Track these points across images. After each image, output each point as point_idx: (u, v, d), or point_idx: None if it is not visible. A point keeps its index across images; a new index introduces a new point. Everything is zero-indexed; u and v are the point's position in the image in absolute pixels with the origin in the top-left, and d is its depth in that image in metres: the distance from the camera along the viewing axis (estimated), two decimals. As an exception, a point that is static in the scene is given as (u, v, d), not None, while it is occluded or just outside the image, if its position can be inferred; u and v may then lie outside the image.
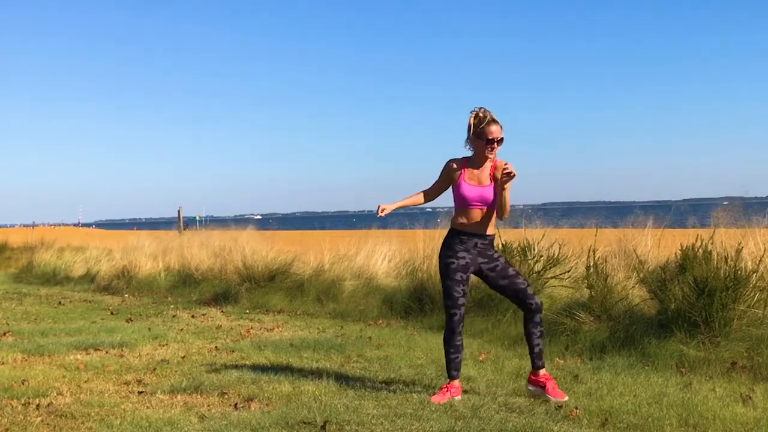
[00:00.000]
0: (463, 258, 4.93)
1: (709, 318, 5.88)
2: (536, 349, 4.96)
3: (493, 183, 4.93)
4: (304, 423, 4.30)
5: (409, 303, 8.78)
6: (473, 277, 5.18)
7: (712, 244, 6.47)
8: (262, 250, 11.52)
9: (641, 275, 7.00)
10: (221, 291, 11.48)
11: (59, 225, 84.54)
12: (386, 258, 10.42)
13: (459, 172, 4.98)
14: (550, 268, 7.84)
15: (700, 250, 6.41)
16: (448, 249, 4.98)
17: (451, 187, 5.05)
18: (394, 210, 5.16)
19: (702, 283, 5.99)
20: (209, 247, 13.46)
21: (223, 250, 12.77)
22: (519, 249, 8.02)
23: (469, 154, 5.02)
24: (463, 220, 4.97)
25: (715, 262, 6.17)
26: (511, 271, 4.99)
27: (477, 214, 4.93)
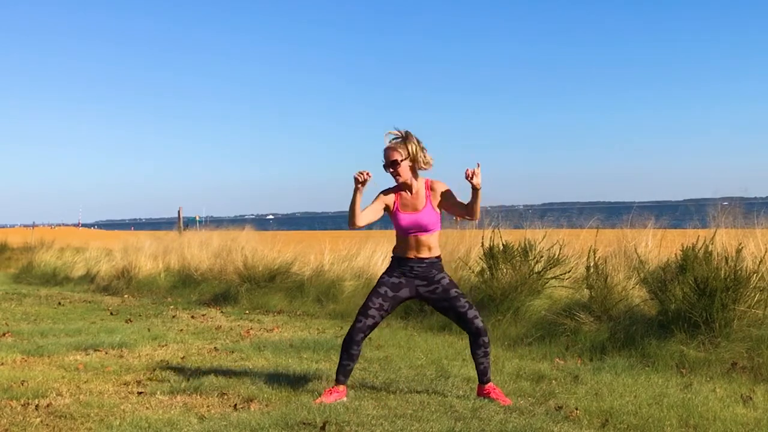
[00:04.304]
0: (397, 278, 4.86)
1: (710, 318, 5.87)
2: (480, 367, 4.89)
3: (429, 206, 4.81)
4: (304, 424, 4.28)
5: (410, 303, 8.75)
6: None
7: (712, 244, 6.46)
8: (262, 250, 11.52)
9: (641, 275, 6.99)
10: (221, 291, 11.47)
11: (59, 225, 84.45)
12: (387, 258, 10.40)
13: (392, 201, 4.85)
14: (551, 268, 7.83)
15: (701, 251, 6.41)
16: (387, 268, 4.96)
17: (388, 214, 4.92)
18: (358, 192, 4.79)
19: (702, 284, 5.98)
20: (209, 248, 13.46)
21: (222, 250, 12.77)
22: (520, 249, 8.01)
23: None
24: (400, 246, 4.90)
25: (716, 263, 6.16)
26: (453, 292, 4.83)
27: (413, 240, 4.81)
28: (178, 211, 20.09)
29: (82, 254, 18.02)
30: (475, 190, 4.68)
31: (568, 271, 7.85)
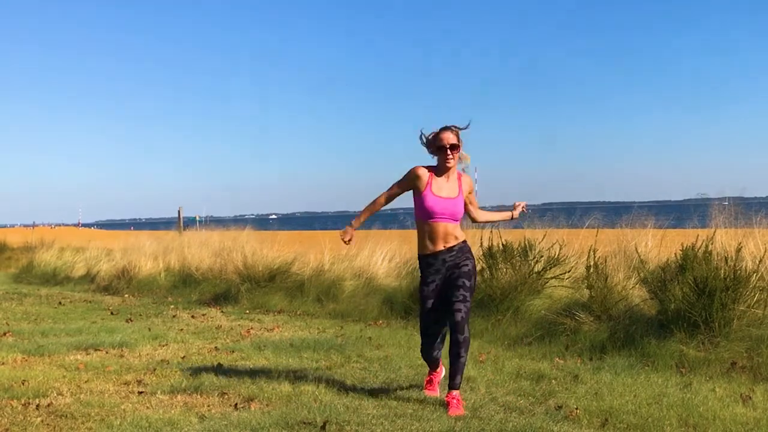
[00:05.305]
0: (433, 282, 4.80)
1: (709, 318, 5.88)
2: (451, 369, 4.68)
3: (461, 195, 4.79)
4: (304, 423, 4.29)
5: (410, 303, 8.77)
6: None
7: (712, 244, 6.46)
8: (262, 250, 11.52)
9: (641, 275, 7.00)
10: (221, 291, 11.48)
11: (59, 225, 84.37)
12: (386, 258, 10.41)
13: (426, 180, 4.73)
14: (551, 268, 7.84)
15: (701, 251, 6.41)
16: (421, 275, 4.88)
17: (413, 195, 4.81)
18: (358, 227, 4.99)
19: (702, 284, 5.99)
20: (209, 247, 13.46)
21: (223, 250, 12.77)
22: (520, 249, 8.02)
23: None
24: (426, 240, 4.78)
25: (715, 263, 6.17)
26: (460, 282, 4.68)
27: (441, 228, 4.73)
28: (178, 211, 20.07)
29: (82, 254, 18.02)
30: (509, 217, 5.29)
31: (568, 271, 7.86)
